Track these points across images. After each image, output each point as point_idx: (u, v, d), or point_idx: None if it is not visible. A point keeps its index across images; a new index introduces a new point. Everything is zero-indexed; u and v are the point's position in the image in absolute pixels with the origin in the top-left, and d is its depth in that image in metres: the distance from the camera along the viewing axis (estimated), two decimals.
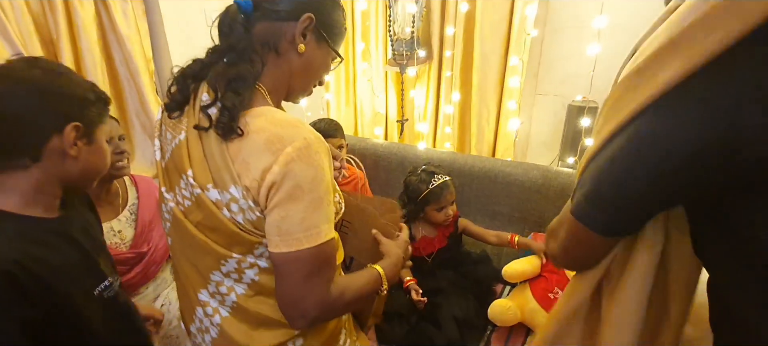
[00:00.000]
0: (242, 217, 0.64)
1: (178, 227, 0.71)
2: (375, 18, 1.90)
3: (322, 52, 0.72)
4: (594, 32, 1.50)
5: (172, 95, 0.70)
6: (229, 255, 0.67)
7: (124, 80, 1.87)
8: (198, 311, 0.75)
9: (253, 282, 0.69)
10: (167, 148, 0.71)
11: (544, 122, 1.82)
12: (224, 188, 0.62)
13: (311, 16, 0.67)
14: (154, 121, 0.90)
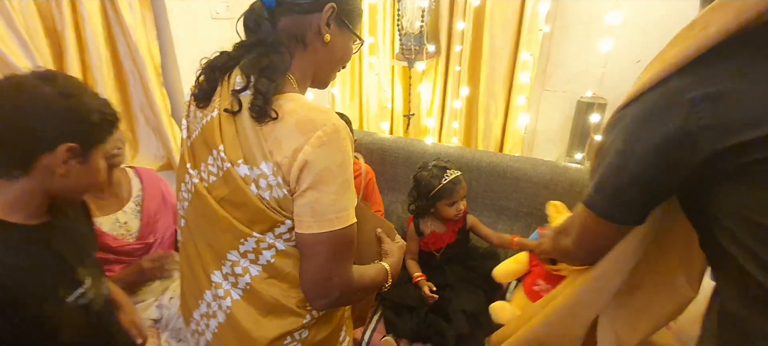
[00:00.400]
0: (269, 194, 0.66)
1: (198, 204, 0.72)
2: (383, 12, 1.89)
3: (345, 38, 0.76)
4: (605, 28, 1.50)
5: (200, 85, 0.73)
6: (249, 233, 0.68)
7: (129, 73, 1.85)
8: (206, 295, 0.75)
9: (268, 264, 0.71)
10: (195, 127, 0.73)
11: (551, 118, 1.82)
12: (254, 164, 0.65)
13: (333, 6, 0.70)
14: (157, 115, 0.93)
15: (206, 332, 0.78)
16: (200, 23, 2.10)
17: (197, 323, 0.79)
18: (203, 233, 0.74)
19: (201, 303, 0.76)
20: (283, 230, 0.69)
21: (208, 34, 2.14)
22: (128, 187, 1.27)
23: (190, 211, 0.76)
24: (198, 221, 0.74)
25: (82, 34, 1.65)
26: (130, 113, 1.93)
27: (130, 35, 1.73)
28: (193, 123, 0.75)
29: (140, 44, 1.76)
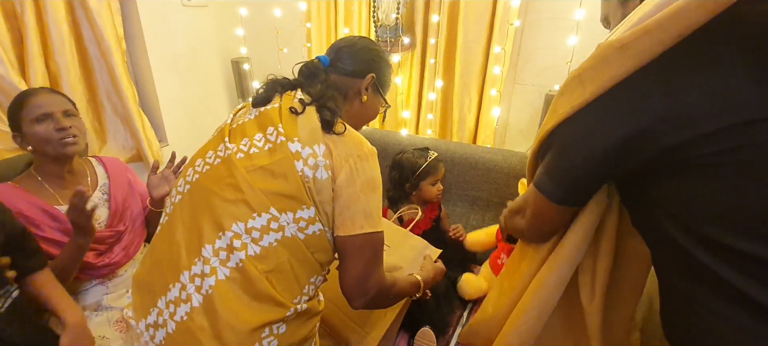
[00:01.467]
0: (312, 173, 0.76)
1: (220, 172, 0.79)
2: (358, 3, 1.89)
3: (377, 101, 0.97)
4: (571, 24, 1.56)
5: (259, 94, 0.89)
6: (266, 208, 0.75)
7: (95, 59, 1.78)
8: (183, 276, 0.74)
9: (269, 247, 0.75)
10: (243, 117, 0.87)
11: (522, 111, 1.88)
12: (308, 144, 0.77)
13: (373, 76, 0.92)
14: (124, 103, 0.90)
15: (168, 324, 0.74)
16: (170, 11, 2.04)
17: (159, 314, 0.76)
18: (210, 202, 0.77)
19: (172, 288, 0.75)
20: (304, 215, 0.76)
21: (178, 22, 2.09)
22: (93, 176, 1.24)
23: (201, 181, 0.80)
24: (210, 188, 0.78)
25: (43, 17, 1.58)
26: (96, 102, 1.86)
27: (94, 20, 1.66)
28: (240, 117, 0.88)
29: (106, 29, 1.70)
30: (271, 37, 2.22)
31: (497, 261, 1.37)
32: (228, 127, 0.86)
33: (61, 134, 1.09)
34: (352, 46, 0.93)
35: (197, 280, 0.73)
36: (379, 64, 0.94)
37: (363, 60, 0.92)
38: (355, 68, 0.91)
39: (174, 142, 2.19)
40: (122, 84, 1.80)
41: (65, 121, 1.10)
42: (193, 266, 0.74)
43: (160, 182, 1.26)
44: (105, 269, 1.19)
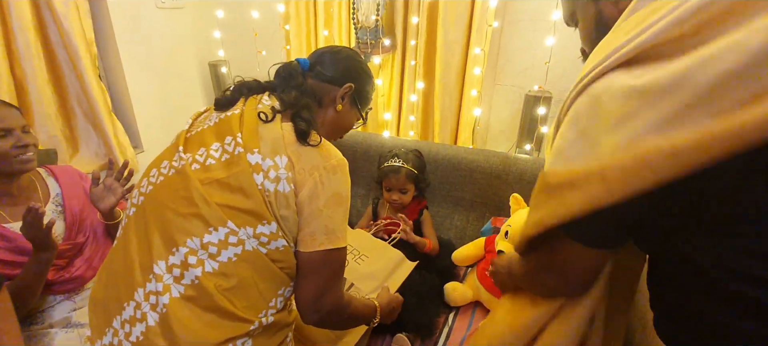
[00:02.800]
0: (274, 186, 0.72)
1: (175, 184, 0.74)
2: (338, 5, 1.87)
3: (352, 114, 0.93)
4: (549, 25, 1.58)
5: (225, 96, 0.85)
6: (223, 222, 0.70)
7: (64, 64, 1.72)
8: (138, 293, 0.70)
9: (228, 262, 0.71)
10: (202, 124, 0.82)
11: (502, 111, 1.89)
12: (269, 156, 0.73)
13: (352, 86, 0.88)
14: (95, 109, 0.85)
15: (123, 345, 0.70)
16: (144, 13, 1.98)
17: (114, 335, 0.72)
18: (163, 216, 0.72)
19: (127, 306, 0.71)
20: (265, 231, 0.72)
21: (153, 25, 2.03)
22: (43, 187, 1.17)
23: (154, 193, 0.75)
24: (163, 201, 0.73)
25: (7, 21, 1.52)
26: (66, 107, 1.80)
27: (61, 23, 1.61)
28: (200, 123, 0.83)
29: (74, 32, 1.64)
30: (249, 39, 2.18)
31: (485, 272, 1.36)
32: (184, 134, 0.81)
33: (19, 151, 1.04)
34: (335, 53, 0.90)
35: (152, 298, 0.70)
36: (360, 76, 0.91)
37: (344, 68, 0.89)
38: (335, 75, 0.87)
39: (150, 149, 2.13)
40: (93, 89, 1.73)
41: (25, 138, 1.06)
42: (147, 282, 0.70)
43: (105, 193, 1.16)
44: (69, 283, 1.13)
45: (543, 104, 1.60)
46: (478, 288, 1.37)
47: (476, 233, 1.62)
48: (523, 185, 1.59)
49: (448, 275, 1.48)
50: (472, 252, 1.47)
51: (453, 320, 1.34)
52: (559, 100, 1.76)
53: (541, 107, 1.60)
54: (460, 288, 1.38)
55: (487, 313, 1.35)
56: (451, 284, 1.39)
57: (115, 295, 0.73)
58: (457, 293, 1.37)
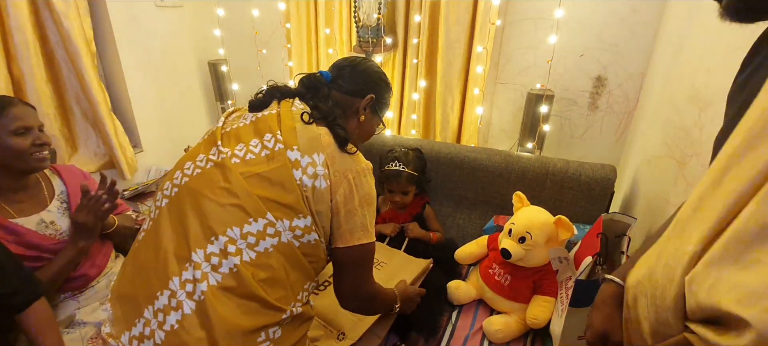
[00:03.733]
0: (312, 182, 0.76)
1: (214, 176, 0.76)
2: (339, 4, 1.87)
3: (374, 121, 0.98)
4: (551, 23, 1.58)
5: (258, 98, 0.89)
6: (263, 213, 0.74)
7: (62, 63, 1.70)
8: (173, 282, 0.71)
9: (264, 252, 0.74)
10: (238, 122, 0.86)
11: (504, 110, 1.89)
12: (308, 153, 0.77)
13: (373, 97, 0.93)
14: (94, 108, 0.94)
15: (156, 334, 0.71)
16: (143, 12, 1.97)
17: (145, 325, 0.72)
18: (201, 206, 0.74)
19: (160, 296, 0.72)
20: (300, 224, 0.76)
21: (152, 24, 2.01)
22: (48, 185, 1.18)
23: (191, 184, 0.78)
24: (202, 192, 0.76)
25: (4, 20, 1.50)
26: (65, 107, 1.78)
27: (61, 22, 1.59)
28: (234, 121, 0.87)
29: (73, 31, 1.63)
30: (250, 38, 2.17)
31: (488, 270, 1.36)
32: (220, 130, 0.85)
33: (37, 149, 1.06)
34: (355, 66, 0.95)
35: (188, 286, 0.71)
36: (379, 86, 0.96)
37: (364, 81, 0.94)
38: (356, 87, 0.92)
39: (149, 148, 2.12)
40: (92, 88, 1.72)
41: (42, 137, 1.08)
42: (183, 271, 0.71)
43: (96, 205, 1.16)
44: (74, 282, 1.14)
45: (545, 102, 1.60)
46: (482, 286, 1.37)
47: (479, 231, 1.63)
48: (525, 183, 1.59)
49: (451, 273, 1.48)
50: (475, 250, 1.47)
51: (456, 319, 1.34)
52: (560, 99, 1.77)
53: (544, 106, 1.61)
54: (464, 286, 1.38)
55: (490, 311, 1.36)
56: (454, 282, 1.39)
57: (146, 286, 0.74)
58: (460, 291, 1.37)
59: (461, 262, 1.50)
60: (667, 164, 1.20)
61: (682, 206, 0.55)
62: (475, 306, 1.38)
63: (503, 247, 1.26)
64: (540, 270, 1.28)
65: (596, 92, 1.70)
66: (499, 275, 1.32)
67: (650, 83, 1.55)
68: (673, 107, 1.23)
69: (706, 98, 1.01)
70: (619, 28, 1.57)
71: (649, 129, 1.45)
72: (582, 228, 1.44)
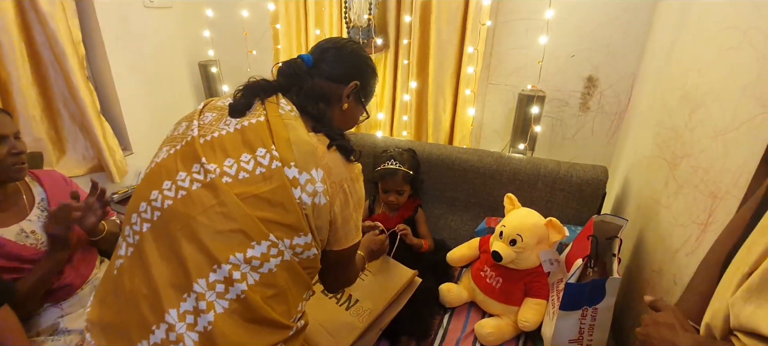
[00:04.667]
0: (311, 200, 0.73)
1: (199, 200, 0.70)
2: (329, 4, 1.85)
3: (357, 110, 0.93)
4: (542, 24, 1.58)
5: (237, 100, 0.81)
6: (266, 236, 0.70)
7: (49, 64, 1.68)
8: (169, 315, 0.66)
9: (268, 272, 0.72)
10: (219, 128, 0.78)
11: (496, 110, 1.89)
12: (306, 169, 0.73)
13: (357, 83, 0.87)
14: (82, 111, 0.83)
15: None
16: (132, 12, 1.95)
17: None
18: (197, 234, 0.69)
19: (157, 329, 0.66)
20: (300, 242, 0.74)
21: (141, 24, 1.99)
22: (28, 193, 1.14)
23: (177, 209, 0.71)
24: (194, 217, 0.69)
25: None
26: (52, 109, 1.76)
27: (47, 23, 1.57)
28: (212, 126, 0.79)
29: (60, 32, 1.60)
30: (239, 38, 2.15)
31: (480, 273, 1.35)
32: (197, 141, 0.76)
33: (14, 159, 1.03)
34: (340, 48, 0.88)
35: (189, 317, 0.66)
36: (365, 71, 0.90)
37: (349, 65, 0.87)
38: (340, 72, 0.86)
39: (139, 150, 2.09)
40: (80, 90, 1.70)
41: (18, 145, 1.04)
42: (182, 303, 0.67)
43: (86, 212, 1.12)
44: (58, 292, 1.11)
45: (536, 103, 1.60)
46: (473, 289, 1.36)
47: (471, 233, 1.62)
48: (517, 184, 1.58)
49: (443, 275, 1.48)
50: (467, 253, 1.46)
51: (448, 322, 1.33)
52: (552, 99, 1.76)
53: (535, 107, 1.60)
54: (455, 289, 1.37)
55: (482, 314, 1.35)
56: (446, 285, 1.38)
57: (138, 318, 0.68)
58: (451, 294, 1.36)
59: (453, 264, 1.49)
60: (658, 165, 1.20)
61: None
62: (467, 309, 1.38)
63: (494, 250, 1.25)
64: (531, 272, 1.27)
65: (588, 93, 1.70)
66: (490, 278, 1.32)
67: (641, 84, 1.55)
68: (664, 108, 1.22)
69: (696, 99, 1.01)
70: (610, 28, 1.57)
71: (641, 130, 1.45)
72: (574, 230, 1.43)
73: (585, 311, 1.08)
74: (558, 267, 1.23)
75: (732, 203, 0.78)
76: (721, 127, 0.86)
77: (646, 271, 1.18)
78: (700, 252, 0.84)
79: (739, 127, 0.79)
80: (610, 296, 1.05)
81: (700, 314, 0.58)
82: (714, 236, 0.78)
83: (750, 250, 0.50)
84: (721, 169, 0.84)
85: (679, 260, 0.98)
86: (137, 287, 0.69)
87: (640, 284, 1.21)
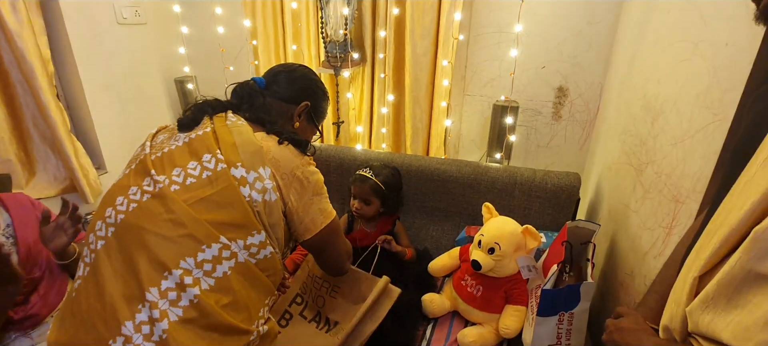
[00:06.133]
0: (261, 197, 0.76)
1: (155, 208, 0.72)
2: (306, 19, 1.87)
3: (309, 130, 0.99)
4: (512, 37, 1.63)
5: (187, 116, 0.85)
6: (216, 238, 0.71)
7: (18, 84, 1.64)
8: (126, 327, 0.66)
9: (223, 276, 0.72)
10: (168, 144, 0.82)
11: (473, 121, 1.93)
12: (253, 169, 0.76)
13: (308, 103, 0.94)
14: (53, 130, 1.08)
15: None
16: (104, 29, 1.92)
17: None
18: (146, 242, 0.70)
19: (113, 344, 0.67)
20: (254, 241, 0.76)
21: (114, 41, 1.96)
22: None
23: (129, 221, 0.72)
24: (144, 227, 0.71)
25: None
26: (22, 129, 1.71)
27: (14, 41, 1.53)
28: (163, 144, 0.83)
29: (28, 51, 1.57)
30: (216, 55, 2.14)
31: (461, 282, 1.37)
32: (148, 157, 0.79)
33: None
34: (291, 72, 0.95)
35: (145, 328, 0.67)
36: (315, 93, 0.96)
37: (300, 87, 0.94)
38: (291, 93, 0.92)
39: (114, 169, 2.05)
40: (50, 109, 1.66)
41: None
42: (137, 313, 0.67)
43: (55, 232, 1.08)
44: (25, 322, 1.07)
45: (510, 114, 1.64)
46: (455, 298, 1.37)
47: (452, 242, 1.64)
48: (495, 193, 1.61)
49: (425, 286, 1.48)
50: (448, 262, 1.48)
51: (432, 332, 1.34)
52: (525, 109, 1.81)
53: (508, 117, 1.65)
54: (437, 299, 1.38)
55: (465, 323, 1.36)
56: (428, 295, 1.39)
57: (94, 336, 0.68)
58: (434, 304, 1.37)
59: (435, 274, 1.50)
60: (626, 171, 1.25)
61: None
62: (450, 319, 1.39)
63: (473, 259, 1.27)
64: (511, 279, 1.30)
65: (559, 102, 1.76)
66: (471, 286, 1.33)
67: (609, 93, 1.62)
68: (629, 116, 1.28)
69: (656, 108, 1.06)
70: (576, 40, 1.63)
71: (609, 137, 1.51)
72: (551, 236, 1.47)
73: (562, 316, 1.10)
74: (536, 273, 1.26)
75: (693, 207, 0.82)
76: (679, 134, 0.90)
77: (619, 274, 1.22)
78: (667, 254, 0.88)
79: (695, 134, 0.83)
80: (585, 300, 1.08)
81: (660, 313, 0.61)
82: (678, 239, 0.82)
83: (699, 253, 0.53)
84: (681, 174, 0.88)
85: (648, 263, 1.01)
86: (92, 305, 0.70)
87: (615, 287, 1.25)
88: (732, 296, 0.45)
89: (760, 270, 0.42)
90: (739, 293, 0.45)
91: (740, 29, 0.70)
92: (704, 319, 0.48)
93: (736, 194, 0.50)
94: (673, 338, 0.56)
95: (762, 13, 0.48)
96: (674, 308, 0.55)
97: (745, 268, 0.43)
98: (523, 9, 1.55)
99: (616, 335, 0.66)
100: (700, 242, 0.54)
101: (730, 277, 0.45)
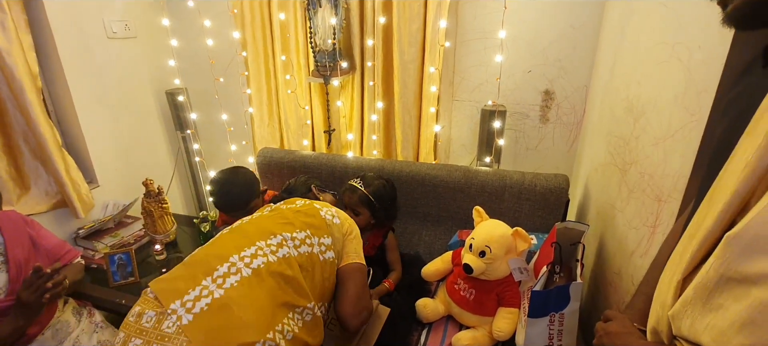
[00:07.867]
0: (331, 218, 1.13)
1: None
2: (294, 29, 1.89)
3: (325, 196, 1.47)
4: (497, 43, 1.66)
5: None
6: (305, 228, 1.05)
7: (7, 100, 1.64)
8: (233, 258, 0.92)
9: (304, 253, 1.01)
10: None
11: (462, 126, 1.95)
12: (325, 207, 1.16)
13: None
14: (43, 145, 1.09)
15: (214, 293, 0.86)
16: (94, 44, 1.93)
17: (202, 289, 0.86)
18: (262, 227, 1.05)
19: (219, 267, 0.90)
20: (325, 242, 1.07)
21: (104, 55, 1.97)
22: None
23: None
24: (263, 225, 1.05)
25: None
26: (12, 146, 1.70)
27: (4, 59, 1.53)
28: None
29: (18, 68, 1.57)
30: (206, 67, 2.15)
31: (454, 286, 1.37)
32: (241, 227, 1.11)
33: None
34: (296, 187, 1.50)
35: (247, 259, 0.93)
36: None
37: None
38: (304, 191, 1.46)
39: (105, 182, 2.04)
40: (40, 124, 1.65)
41: None
42: (242, 251, 0.95)
43: (29, 289, 1.05)
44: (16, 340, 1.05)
45: (498, 118, 1.66)
46: (449, 302, 1.38)
47: (444, 246, 1.65)
48: (485, 196, 1.63)
49: (419, 291, 1.49)
50: (441, 267, 1.48)
51: (426, 337, 1.35)
52: (513, 113, 1.83)
53: (497, 121, 1.67)
54: (431, 304, 1.39)
55: (459, 327, 1.37)
56: (422, 300, 1.39)
57: (205, 267, 0.91)
58: (428, 309, 1.37)
59: (428, 279, 1.50)
60: (611, 172, 1.27)
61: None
62: (444, 323, 1.39)
63: (465, 262, 1.28)
64: (503, 282, 1.30)
65: (546, 105, 1.78)
66: (464, 290, 1.34)
67: (594, 95, 1.64)
68: (613, 118, 1.30)
69: (638, 109, 1.08)
70: (560, 44, 1.66)
71: (595, 139, 1.53)
72: (542, 238, 1.48)
73: (552, 316, 1.11)
74: (528, 275, 1.27)
75: (674, 206, 0.83)
76: (660, 135, 0.92)
77: (608, 273, 1.24)
78: (652, 253, 0.89)
79: (674, 134, 0.85)
80: (574, 300, 1.09)
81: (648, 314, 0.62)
82: (662, 238, 0.83)
83: (682, 256, 0.53)
84: (662, 174, 0.90)
85: (635, 262, 1.03)
86: (201, 254, 0.99)
87: (604, 287, 1.26)
88: (707, 299, 0.46)
89: (731, 275, 0.43)
90: (713, 297, 0.45)
91: (712, 32, 0.72)
92: (685, 322, 0.49)
93: (712, 197, 0.50)
94: (661, 340, 0.57)
95: (728, 16, 0.48)
96: (660, 311, 0.56)
97: (718, 272, 0.44)
98: (507, 14, 1.57)
99: (605, 339, 0.67)
100: (682, 245, 0.55)
101: (706, 281, 0.46)
